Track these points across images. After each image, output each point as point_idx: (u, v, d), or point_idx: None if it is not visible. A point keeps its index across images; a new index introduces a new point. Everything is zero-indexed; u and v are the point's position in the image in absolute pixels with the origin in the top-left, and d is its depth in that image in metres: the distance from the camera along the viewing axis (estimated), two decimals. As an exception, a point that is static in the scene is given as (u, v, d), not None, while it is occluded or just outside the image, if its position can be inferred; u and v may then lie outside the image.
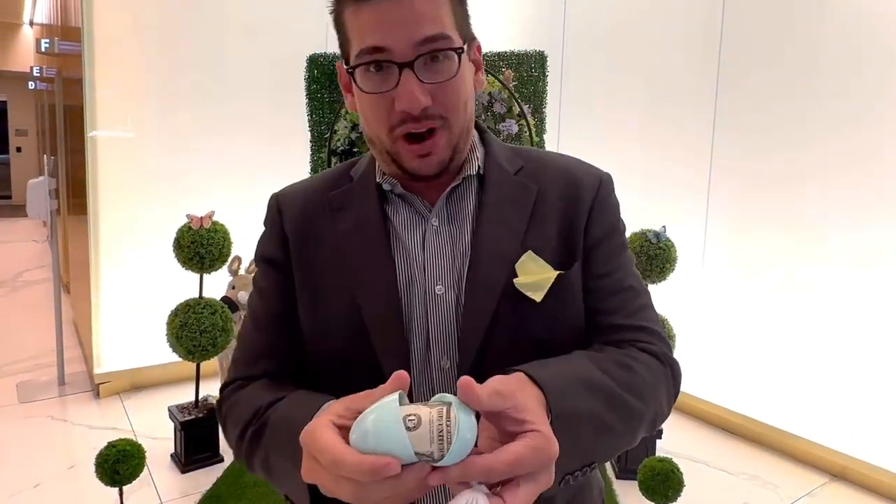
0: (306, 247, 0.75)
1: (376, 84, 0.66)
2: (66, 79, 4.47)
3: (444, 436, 0.46)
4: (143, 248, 3.31)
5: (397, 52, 0.64)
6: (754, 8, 2.87)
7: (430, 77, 0.65)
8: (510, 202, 0.73)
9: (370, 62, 0.65)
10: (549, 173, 0.76)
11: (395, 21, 0.63)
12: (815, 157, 2.69)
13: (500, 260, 0.69)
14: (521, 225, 0.71)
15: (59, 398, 3.25)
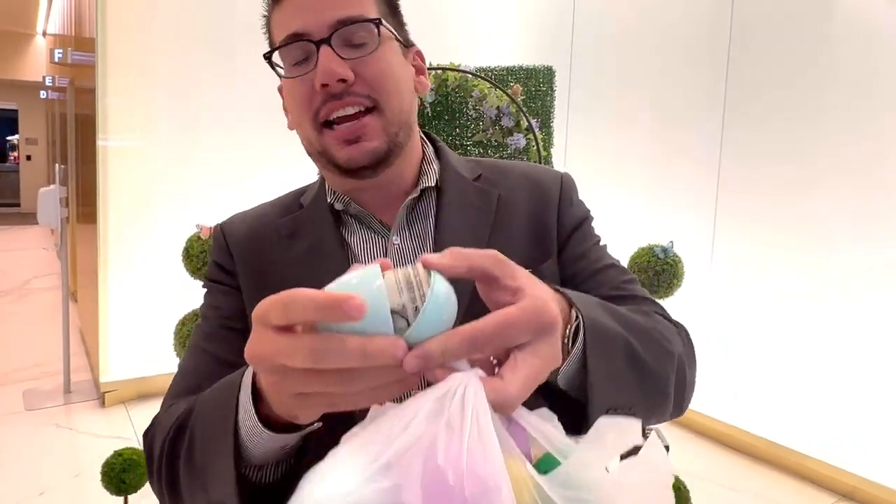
0: (255, 277, 0.70)
1: (297, 70, 0.65)
2: (78, 88, 4.52)
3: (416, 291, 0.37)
4: (152, 256, 3.33)
5: (314, 33, 0.62)
6: (762, 20, 2.89)
7: (350, 53, 0.63)
8: (472, 208, 0.70)
9: (291, 44, 0.63)
10: (510, 179, 0.74)
11: (311, 6, 0.63)
12: (823, 169, 2.69)
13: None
14: (484, 230, 0.69)
15: (65, 406, 3.25)
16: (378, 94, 0.63)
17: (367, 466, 0.34)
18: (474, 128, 3.42)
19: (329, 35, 0.62)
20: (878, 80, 2.49)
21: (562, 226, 0.72)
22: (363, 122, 0.63)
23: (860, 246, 2.57)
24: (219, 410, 0.50)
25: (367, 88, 0.63)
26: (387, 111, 0.64)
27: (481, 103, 3.13)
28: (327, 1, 0.62)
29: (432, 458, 0.33)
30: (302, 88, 0.64)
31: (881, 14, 2.48)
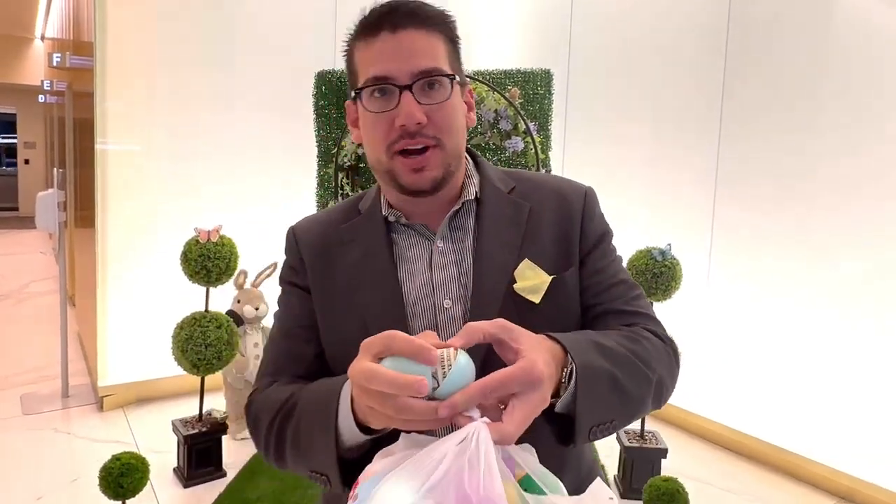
0: (322, 276, 0.84)
1: (380, 105, 0.75)
2: (76, 92, 4.53)
3: (446, 364, 0.56)
4: (150, 260, 3.33)
5: (399, 77, 0.74)
6: (759, 28, 2.90)
7: (426, 99, 0.75)
8: (506, 219, 0.81)
9: (374, 87, 0.75)
10: (540, 192, 0.85)
11: (397, 54, 0.74)
12: (819, 175, 2.70)
13: (499, 270, 0.78)
14: (517, 239, 0.80)
15: (63, 410, 3.25)
16: (442, 134, 0.76)
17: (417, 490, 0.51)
18: (472, 131, 3.43)
19: (411, 83, 0.74)
20: (878, 87, 2.50)
21: (584, 238, 0.83)
22: (427, 156, 0.76)
23: (856, 251, 2.58)
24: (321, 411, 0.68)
25: (436, 130, 0.75)
26: (447, 148, 0.77)
27: (479, 106, 3.14)
28: (411, 52, 0.74)
29: (460, 485, 0.50)
30: (382, 122, 0.75)
31: (880, 18, 2.49)
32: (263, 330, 3.07)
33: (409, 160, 0.75)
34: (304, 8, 3.73)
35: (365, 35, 0.77)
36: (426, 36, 0.75)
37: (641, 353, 0.73)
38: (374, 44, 0.75)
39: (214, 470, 2.57)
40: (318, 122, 3.53)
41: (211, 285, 2.55)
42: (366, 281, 0.80)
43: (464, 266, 0.80)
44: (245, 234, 3.06)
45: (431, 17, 0.76)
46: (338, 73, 3.47)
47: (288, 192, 3.73)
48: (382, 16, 0.75)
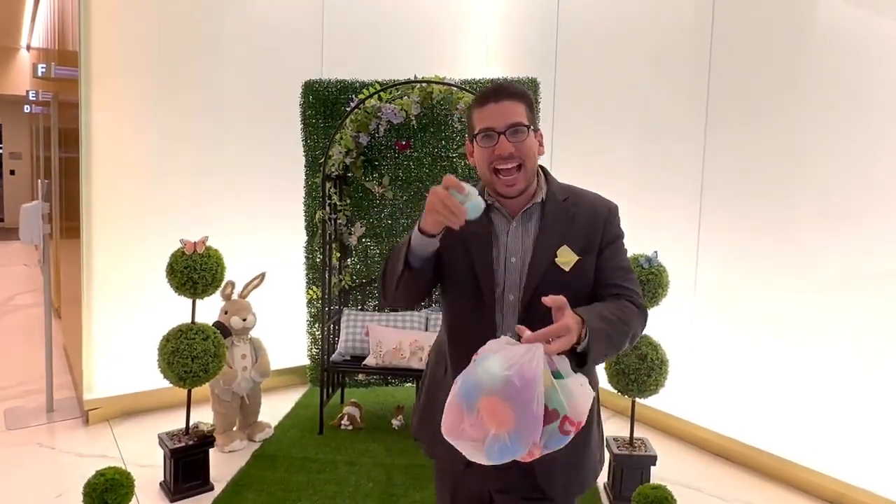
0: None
1: (487, 143, 1.25)
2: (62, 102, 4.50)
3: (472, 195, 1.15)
4: (136, 272, 3.30)
5: (498, 127, 1.24)
6: (741, 38, 2.94)
7: (514, 139, 1.24)
8: (559, 218, 1.30)
9: (485, 133, 1.25)
10: (582, 202, 1.33)
11: (498, 114, 1.25)
12: (805, 181, 2.73)
13: (549, 248, 1.27)
14: (562, 231, 1.29)
15: (48, 425, 3.20)
16: (523, 161, 1.25)
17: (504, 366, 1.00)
18: (460, 139, 3.44)
19: (505, 131, 1.23)
20: (861, 94, 2.54)
21: (604, 237, 1.31)
22: (516, 177, 1.25)
23: (841, 255, 2.61)
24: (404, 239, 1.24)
25: (519, 158, 1.24)
26: (527, 170, 1.26)
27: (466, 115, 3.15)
28: (505, 113, 1.24)
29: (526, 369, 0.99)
30: (487, 153, 1.25)
31: (862, 26, 2.53)
32: (252, 341, 3.05)
33: (504, 178, 1.25)
34: (290, 19, 3.74)
35: (480, 104, 1.27)
36: (514, 104, 1.25)
37: (624, 317, 1.23)
38: (485, 109, 1.26)
39: (202, 484, 2.54)
40: (305, 131, 3.53)
41: (198, 297, 2.53)
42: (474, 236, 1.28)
43: (526, 241, 1.29)
44: (233, 245, 3.04)
45: (518, 93, 1.27)
46: (325, 83, 3.47)
47: (276, 202, 3.72)
48: (490, 93, 1.26)
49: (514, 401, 0.97)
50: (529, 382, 0.98)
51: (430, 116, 3.43)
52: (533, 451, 1.00)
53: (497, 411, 0.98)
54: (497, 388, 0.98)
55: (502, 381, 0.98)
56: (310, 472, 2.69)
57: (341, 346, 3.28)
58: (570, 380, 1.03)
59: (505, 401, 0.98)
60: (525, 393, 0.97)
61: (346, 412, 3.17)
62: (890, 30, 2.44)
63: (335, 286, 3.47)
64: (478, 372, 1.02)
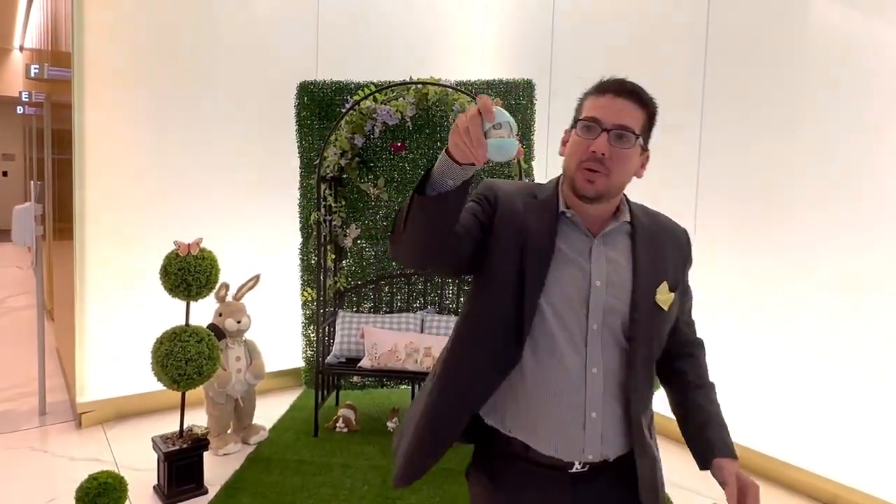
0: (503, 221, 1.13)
1: (585, 134, 1.10)
2: (55, 103, 4.47)
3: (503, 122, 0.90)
4: (130, 274, 3.28)
5: (605, 123, 1.08)
6: (736, 38, 2.95)
7: (615, 144, 1.08)
8: (650, 245, 1.17)
9: (588, 124, 1.10)
10: (663, 229, 1.23)
11: (611, 109, 1.09)
12: (800, 181, 2.74)
13: (648, 281, 1.13)
14: (656, 261, 1.16)
15: (40, 428, 3.18)
16: (614, 170, 1.08)
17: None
18: (455, 141, 3.43)
19: (611, 129, 1.07)
20: (855, 94, 2.55)
21: (685, 275, 1.25)
22: (599, 178, 1.08)
23: (836, 255, 2.61)
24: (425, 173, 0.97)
25: (611, 166, 1.08)
26: (613, 180, 1.09)
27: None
28: (620, 112, 1.09)
29: None
30: (581, 144, 1.10)
31: (856, 27, 2.54)
32: (246, 343, 3.03)
33: (587, 174, 1.08)
34: (285, 19, 3.73)
35: (597, 92, 1.13)
36: (634, 108, 1.10)
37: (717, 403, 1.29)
38: (600, 99, 1.11)
39: (196, 487, 2.53)
40: (300, 133, 3.52)
41: (191, 299, 2.51)
42: (529, 247, 1.10)
43: (617, 266, 1.13)
44: (227, 246, 3.03)
45: (645, 100, 1.12)
46: (320, 84, 3.46)
47: (270, 204, 3.71)
48: (613, 84, 1.12)
49: None
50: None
51: (426, 118, 3.42)
52: None
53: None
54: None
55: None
56: (305, 474, 2.68)
57: (336, 349, 3.26)
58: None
59: None
60: None
61: (341, 414, 3.16)
62: (881, 29, 2.45)
63: (330, 288, 3.45)
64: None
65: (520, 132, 3.37)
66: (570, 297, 1.10)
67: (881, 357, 2.47)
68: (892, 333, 2.45)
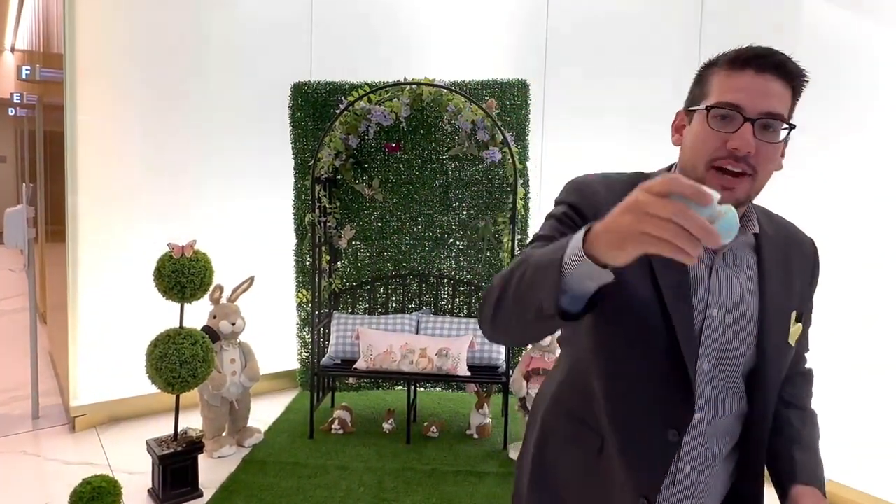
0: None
1: (720, 126, 0.86)
2: (46, 105, 4.44)
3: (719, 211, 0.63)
4: (123, 277, 3.26)
5: (748, 110, 0.84)
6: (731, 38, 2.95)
7: (761, 136, 0.85)
8: (779, 263, 0.95)
9: (724, 111, 0.85)
10: (789, 239, 1.00)
11: (754, 91, 0.85)
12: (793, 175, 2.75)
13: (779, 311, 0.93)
14: (786, 284, 0.95)
15: (33, 432, 3.15)
16: (760, 170, 0.86)
17: None
18: (450, 142, 3.43)
19: (757, 118, 0.84)
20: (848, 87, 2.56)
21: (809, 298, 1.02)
22: (739, 181, 0.86)
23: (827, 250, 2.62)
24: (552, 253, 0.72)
25: (757, 164, 0.86)
26: (757, 182, 0.87)
27: (456, 117, 3.14)
28: (767, 94, 0.85)
29: None
30: (714, 138, 0.86)
31: (848, 21, 2.55)
32: (241, 346, 3.02)
33: (722, 178, 0.85)
34: (279, 20, 3.72)
35: (731, 66, 0.88)
36: (783, 87, 0.87)
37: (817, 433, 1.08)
38: (738, 77, 0.86)
39: (190, 490, 2.51)
40: (294, 134, 3.51)
41: (185, 301, 2.50)
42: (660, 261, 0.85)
43: (738, 290, 0.92)
44: (221, 248, 3.02)
45: (793, 72, 0.88)
46: (314, 85, 3.46)
47: (265, 205, 3.70)
48: (754, 57, 0.86)
49: None
50: None
51: (420, 118, 3.42)
52: None
53: None
54: None
55: None
56: (300, 477, 2.67)
57: (331, 350, 3.25)
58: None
59: None
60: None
61: (336, 416, 3.15)
62: (873, 28, 2.46)
63: (325, 289, 3.45)
64: None
65: (515, 133, 3.38)
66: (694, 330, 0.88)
67: (874, 355, 2.49)
68: (884, 331, 2.46)
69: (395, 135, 3.42)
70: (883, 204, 2.47)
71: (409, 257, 3.51)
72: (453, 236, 3.48)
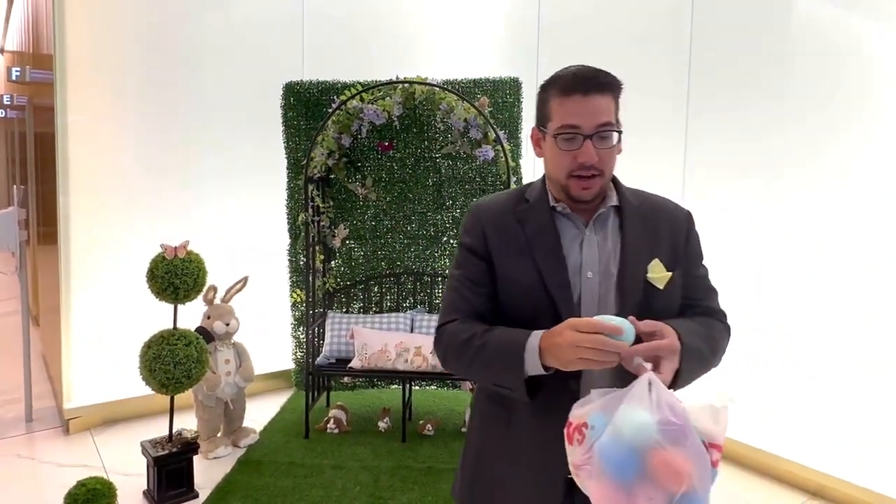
0: (500, 244, 1.15)
1: (568, 146, 1.08)
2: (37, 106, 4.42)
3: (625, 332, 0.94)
4: (116, 278, 3.25)
5: (585, 129, 1.06)
6: (721, 31, 2.97)
7: (600, 146, 1.07)
8: (640, 226, 1.15)
9: (568, 134, 1.07)
10: (660, 209, 1.20)
11: (585, 112, 1.06)
12: (784, 171, 2.77)
13: (637, 261, 1.12)
14: (647, 241, 1.14)
15: (27, 435, 3.14)
16: (605, 170, 1.09)
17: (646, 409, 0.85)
18: (443, 140, 3.43)
19: (593, 133, 1.06)
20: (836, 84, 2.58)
21: (688, 252, 1.19)
22: (593, 181, 1.09)
23: (821, 242, 2.64)
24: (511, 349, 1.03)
25: (602, 167, 1.08)
26: (605, 177, 1.11)
27: (449, 116, 3.15)
28: (595, 112, 1.06)
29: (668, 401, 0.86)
30: (565, 157, 1.08)
31: (836, 19, 2.57)
32: (235, 346, 3.02)
33: (580, 182, 1.08)
34: (271, 20, 3.71)
35: (563, 93, 1.08)
36: (606, 99, 1.08)
37: (714, 335, 1.16)
38: (570, 102, 1.07)
39: (186, 491, 2.51)
40: (286, 133, 3.51)
41: (179, 302, 2.50)
42: (539, 248, 1.12)
43: (605, 251, 1.13)
44: (215, 248, 3.01)
45: (612, 85, 1.09)
46: (306, 85, 3.45)
47: (258, 205, 3.69)
48: (581, 83, 1.07)
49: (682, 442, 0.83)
50: (682, 415, 0.85)
51: (413, 117, 3.42)
52: None
53: (673, 463, 0.82)
54: (658, 437, 0.83)
55: (659, 428, 0.83)
56: (296, 476, 2.67)
57: (326, 349, 3.26)
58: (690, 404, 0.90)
59: (675, 446, 0.83)
60: (686, 428, 0.85)
61: (332, 415, 3.15)
62: (863, 23, 2.48)
63: (319, 289, 3.44)
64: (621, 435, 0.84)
65: (507, 131, 3.38)
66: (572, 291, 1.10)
67: (865, 348, 2.51)
68: (875, 325, 2.48)
69: (388, 134, 3.42)
70: (883, 203, 2.49)
71: (403, 256, 3.51)
72: (447, 234, 3.49)
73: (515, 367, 1.01)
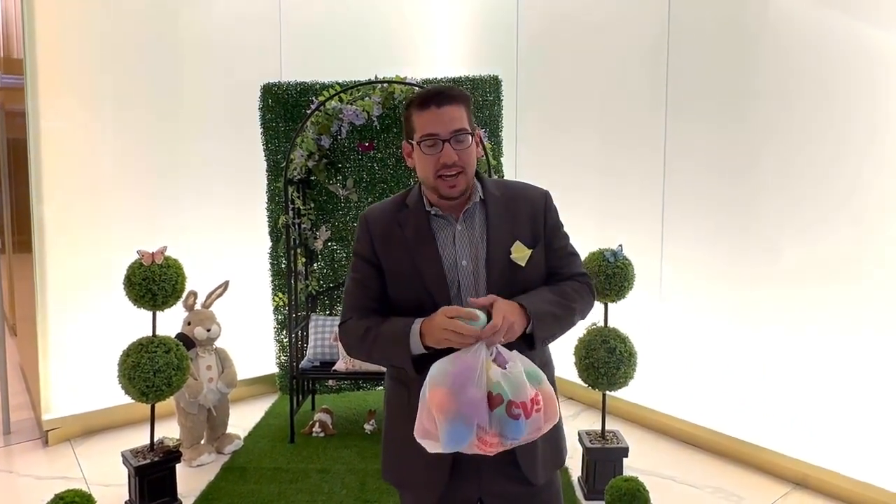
0: (386, 248, 1.33)
1: (431, 150, 1.26)
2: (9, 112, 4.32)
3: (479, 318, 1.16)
4: (93, 286, 3.19)
5: (442, 134, 1.25)
6: (698, 33, 2.99)
7: (458, 147, 1.26)
8: (501, 214, 1.33)
9: (429, 141, 1.26)
10: (518, 195, 1.37)
11: (441, 121, 1.25)
12: (763, 177, 2.79)
13: (501, 246, 1.30)
14: (509, 226, 1.32)
15: (5, 448, 3.07)
16: (465, 167, 1.27)
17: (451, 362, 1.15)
18: (423, 140, 3.41)
19: (450, 138, 1.25)
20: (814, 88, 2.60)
21: (546, 227, 1.36)
22: (458, 179, 1.27)
23: (799, 246, 2.67)
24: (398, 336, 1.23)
25: (462, 165, 1.26)
26: (468, 174, 1.29)
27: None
28: (449, 120, 1.25)
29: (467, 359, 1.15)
30: (430, 160, 1.26)
31: (813, 20, 2.59)
32: (217, 351, 2.98)
33: (447, 181, 1.26)
34: (247, 21, 3.66)
35: (421, 107, 1.26)
36: (457, 109, 1.26)
37: (566, 295, 1.31)
38: (427, 114, 1.26)
39: (169, 500, 2.47)
40: (265, 135, 3.46)
41: (157, 309, 2.45)
42: (419, 250, 1.29)
43: (474, 241, 1.31)
44: (194, 253, 2.96)
45: (459, 97, 1.28)
46: (284, 86, 3.41)
47: (237, 209, 3.65)
48: (432, 97, 1.25)
49: (451, 385, 1.11)
50: (464, 370, 1.11)
51: (393, 117, 3.40)
52: (488, 438, 1.10)
53: (439, 398, 1.11)
54: (442, 380, 1.12)
55: (446, 374, 1.12)
56: (281, 482, 2.64)
57: (310, 353, 3.23)
58: (511, 366, 1.14)
59: (444, 387, 1.11)
60: (460, 377, 1.11)
61: (317, 419, 3.12)
62: (843, 22, 2.50)
63: (302, 292, 3.41)
64: (432, 373, 1.14)
65: (488, 129, 3.38)
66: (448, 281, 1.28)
67: (848, 339, 2.54)
68: (859, 316, 2.51)
69: (368, 134, 3.39)
70: (881, 203, 2.51)
71: (386, 257, 3.48)
72: (430, 234, 3.47)
73: (403, 349, 1.21)
